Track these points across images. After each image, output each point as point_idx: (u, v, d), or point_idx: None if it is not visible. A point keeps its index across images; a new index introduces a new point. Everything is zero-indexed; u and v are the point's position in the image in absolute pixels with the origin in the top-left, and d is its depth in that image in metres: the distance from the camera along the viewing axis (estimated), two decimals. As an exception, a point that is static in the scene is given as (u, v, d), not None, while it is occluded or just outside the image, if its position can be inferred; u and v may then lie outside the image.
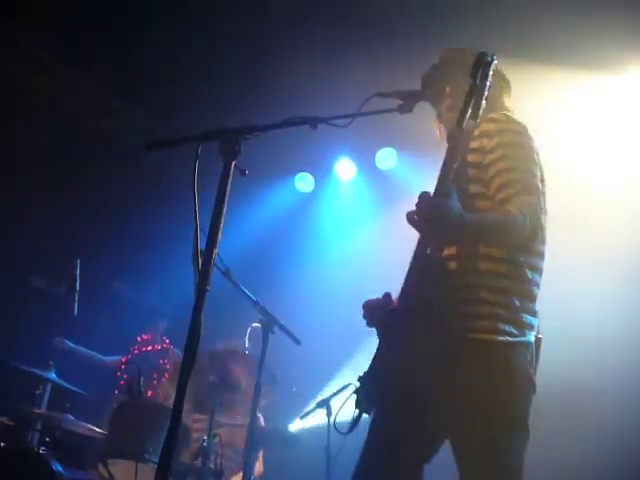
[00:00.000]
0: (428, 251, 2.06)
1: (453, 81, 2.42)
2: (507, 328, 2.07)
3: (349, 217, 6.95)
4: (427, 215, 1.91)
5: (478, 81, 1.98)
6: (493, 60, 2.01)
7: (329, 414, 4.80)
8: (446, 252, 2.14)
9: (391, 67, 4.76)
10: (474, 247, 2.16)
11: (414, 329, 2.08)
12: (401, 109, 2.19)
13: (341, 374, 5.09)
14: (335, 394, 4.82)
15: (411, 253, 2.14)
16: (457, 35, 4.39)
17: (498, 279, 2.12)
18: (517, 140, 2.22)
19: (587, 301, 4.89)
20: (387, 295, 2.28)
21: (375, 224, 6.67)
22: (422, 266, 2.09)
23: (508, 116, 2.30)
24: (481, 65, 1.99)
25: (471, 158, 2.18)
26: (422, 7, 4.66)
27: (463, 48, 2.53)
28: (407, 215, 1.95)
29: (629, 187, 5.06)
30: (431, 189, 1.96)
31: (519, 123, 2.28)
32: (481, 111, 1.99)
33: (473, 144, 2.19)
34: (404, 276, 2.17)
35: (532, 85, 4.21)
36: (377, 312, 2.25)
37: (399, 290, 2.24)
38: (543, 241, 2.23)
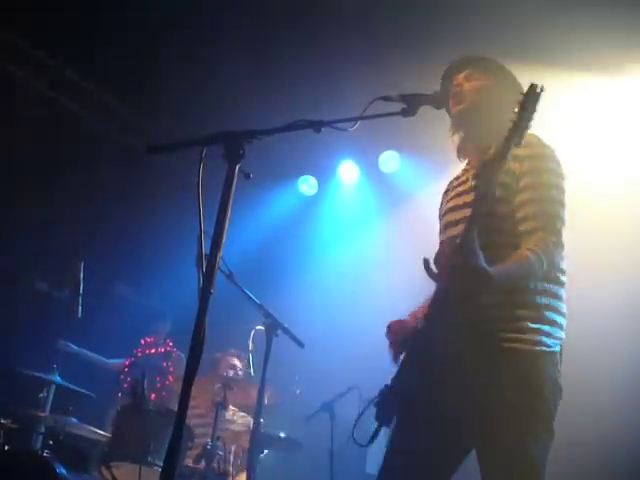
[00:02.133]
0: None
1: (472, 74, 2.43)
2: (543, 339, 2.15)
3: (352, 220, 6.96)
4: (453, 275, 1.97)
5: (525, 112, 1.98)
6: (542, 92, 2.00)
7: (332, 417, 4.80)
8: None
9: (395, 70, 4.78)
10: None
11: (446, 341, 2.15)
12: (404, 113, 2.19)
13: (345, 377, 5.08)
14: (339, 397, 4.82)
15: (411, 256, 2.15)
16: (459, 38, 4.39)
17: (533, 296, 2.18)
18: (547, 166, 2.23)
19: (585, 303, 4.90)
20: (408, 318, 2.39)
21: (378, 227, 6.68)
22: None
23: (539, 139, 2.30)
24: (531, 96, 1.99)
25: (501, 179, 2.17)
26: (425, 10, 4.66)
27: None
28: (435, 260, 2.00)
29: (630, 189, 5.05)
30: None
31: (548, 146, 2.29)
32: (523, 141, 2.00)
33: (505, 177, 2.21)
34: (428, 288, 2.22)
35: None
36: (403, 334, 2.31)
37: (414, 300, 2.29)
38: (564, 258, 2.27)
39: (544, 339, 2.15)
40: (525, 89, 2.03)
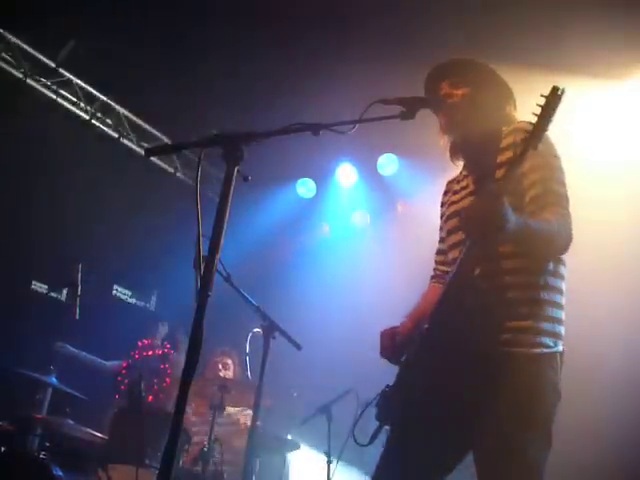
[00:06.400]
0: (476, 271, 2.14)
1: (455, 80, 2.44)
2: (544, 340, 2.15)
3: (350, 222, 6.97)
4: (485, 221, 1.94)
5: (548, 114, 2.00)
6: (563, 94, 2.02)
7: (329, 419, 4.79)
8: (483, 269, 2.19)
9: (394, 73, 4.78)
10: (512, 262, 2.19)
11: (450, 344, 2.16)
12: (403, 116, 2.18)
13: (342, 379, 5.07)
14: (336, 399, 4.82)
15: (411, 258, 2.16)
16: (460, 41, 4.40)
17: (536, 292, 2.18)
18: (547, 150, 2.24)
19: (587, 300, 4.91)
20: (404, 324, 2.40)
21: (377, 229, 6.69)
22: (460, 284, 2.14)
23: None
24: (553, 98, 2.00)
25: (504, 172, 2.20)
26: (425, 13, 4.67)
27: (471, 58, 2.56)
28: (461, 213, 2.01)
29: (630, 190, 5.06)
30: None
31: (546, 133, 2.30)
32: (541, 143, 2.02)
33: (503, 156, 2.23)
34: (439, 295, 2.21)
35: (533, 91, 4.22)
36: (399, 341, 2.34)
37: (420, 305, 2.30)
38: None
39: (545, 339, 2.14)
40: (547, 91, 2.03)
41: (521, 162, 2.04)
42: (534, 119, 2.03)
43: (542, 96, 2.01)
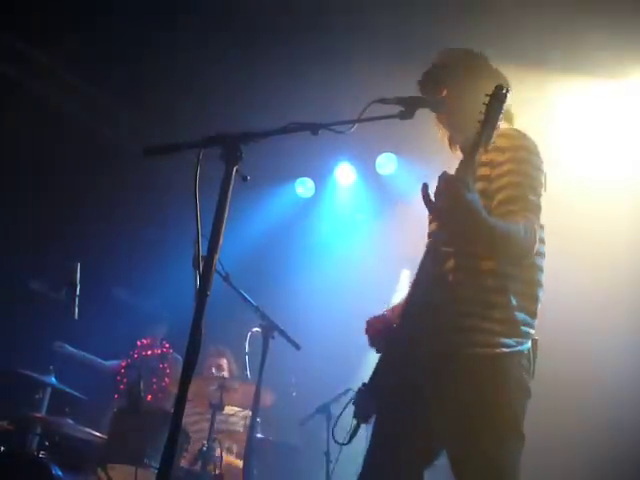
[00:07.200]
0: (429, 267, 2.15)
1: (450, 84, 2.45)
2: (503, 341, 2.13)
3: (349, 222, 6.97)
4: (448, 202, 1.92)
5: (492, 113, 2.00)
6: (508, 93, 2.03)
7: (329, 419, 4.80)
8: (445, 267, 2.20)
9: (392, 73, 4.78)
10: (473, 261, 2.20)
11: (414, 343, 2.18)
12: (402, 115, 2.19)
13: (341, 379, 5.08)
14: (335, 399, 4.82)
15: (408, 258, 2.17)
16: (455, 41, 4.39)
17: (495, 294, 2.17)
18: (527, 158, 2.24)
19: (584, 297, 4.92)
20: (387, 314, 2.42)
21: (375, 229, 6.69)
22: (423, 282, 2.17)
23: (521, 132, 2.32)
24: (497, 98, 2.01)
25: (481, 172, 2.20)
26: (421, 11, 4.67)
27: (461, 49, 2.58)
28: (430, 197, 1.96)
29: (630, 190, 5.07)
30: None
31: (531, 140, 2.30)
32: (491, 141, 2.02)
33: (484, 157, 2.20)
34: (407, 291, 2.22)
35: (530, 91, 4.23)
36: (381, 331, 2.35)
37: (401, 299, 2.30)
38: (543, 255, 2.28)
39: (504, 340, 2.12)
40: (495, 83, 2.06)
41: (472, 159, 2.00)
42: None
43: (486, 95, 2.01)
